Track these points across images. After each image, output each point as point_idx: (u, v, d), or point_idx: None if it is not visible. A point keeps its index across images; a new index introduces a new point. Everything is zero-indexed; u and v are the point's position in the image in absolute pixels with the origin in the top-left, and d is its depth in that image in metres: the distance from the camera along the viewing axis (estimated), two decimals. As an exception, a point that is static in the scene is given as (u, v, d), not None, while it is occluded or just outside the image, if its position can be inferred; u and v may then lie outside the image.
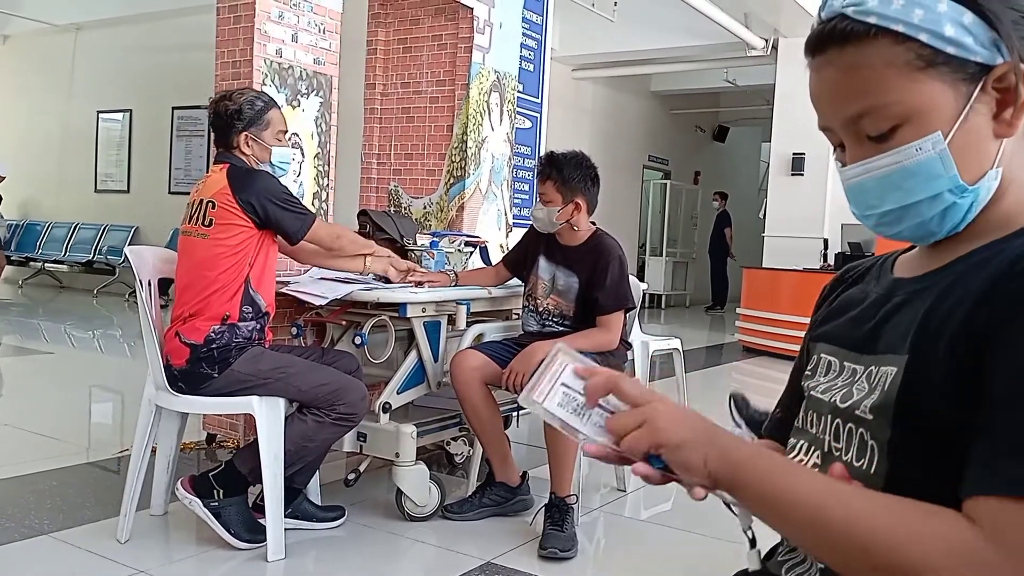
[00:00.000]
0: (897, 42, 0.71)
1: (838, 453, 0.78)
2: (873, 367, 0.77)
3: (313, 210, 2.97)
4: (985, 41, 0.70)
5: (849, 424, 0.77)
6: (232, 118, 2.50)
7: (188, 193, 2.60)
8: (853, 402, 0.77)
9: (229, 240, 2.41)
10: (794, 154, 9.01)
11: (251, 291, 2.47)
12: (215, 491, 2.43)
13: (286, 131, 2.62)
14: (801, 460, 0.83)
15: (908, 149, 0.72)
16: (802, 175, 9.00)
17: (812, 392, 0.85)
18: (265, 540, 2.38)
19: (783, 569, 0.84)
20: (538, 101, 5.39)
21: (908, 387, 0.71)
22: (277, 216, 2.44)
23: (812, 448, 0.83)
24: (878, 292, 0.84)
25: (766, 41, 9.19)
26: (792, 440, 0.88)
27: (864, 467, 0.74)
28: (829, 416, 0.80)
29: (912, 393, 0.71)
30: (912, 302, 0.77)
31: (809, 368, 0.88)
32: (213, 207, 2.43)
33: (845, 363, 0.82)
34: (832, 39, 0.74)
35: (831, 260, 7.96)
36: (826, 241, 8.41)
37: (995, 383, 0.64)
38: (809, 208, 8.90)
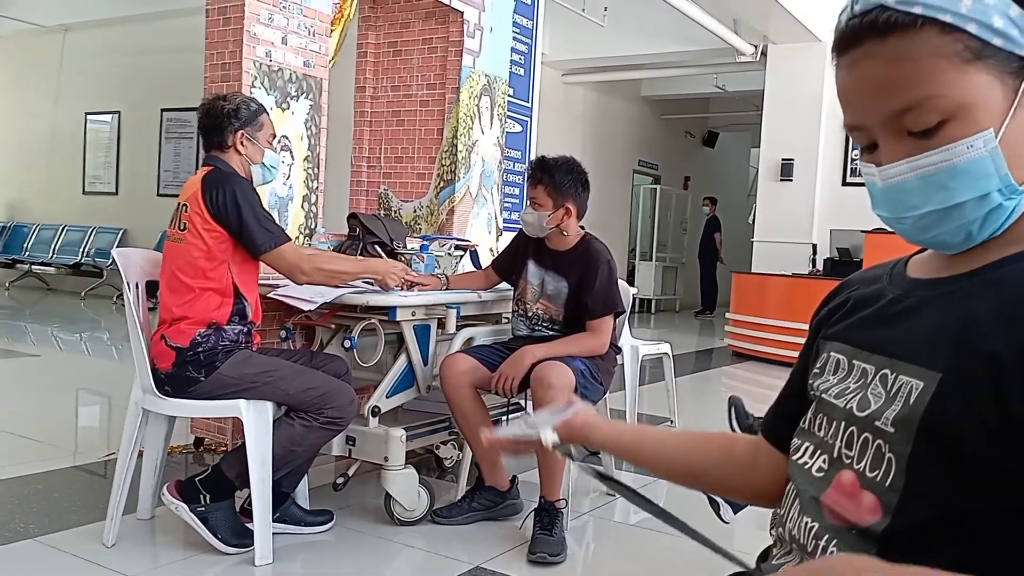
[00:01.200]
0: (944, 32, 0.68)
1: (849, 461, 0.76)
2: (888, 371, 0.76)
3: (288, 229, 2.93)
4: None
5: (866, 434, 0.75)
6: (229, 116, 2.49)
7: (176, 195, 2.60)
8: (872, 412, 0.75)
9: (202, 244, 2.39)
10: (783, 160, 9.05)
11: (242, 300, 2.46)
12: (202, 495, 2.41)
13: (276, 136, 2.63)
14: (806, 463, 0.82)
15: (959, 147, 0.69)
16: (791, 181, 9.03)
17: (824, 396, 0.83)
18: (253, 545, 2.36)
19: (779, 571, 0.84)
20: (528, 105, 5.39)
21: (938, 405, 0.69)
22: (239, 223, 2.38)
23: (819, 452, 0.82)
24: (895, 292, 0.81)
25: (755, 48, 9.23)
26: (797, 441, 0.86)
27: (878, 478, 0.73)
28: (843, 423, 0.78)
29: (941, 412, 0.69)
30: (935, 305, 0.75)
31: (818, 366, 0.87)
32: (187, 210, 2.42)
33: (855, 361, 0.81)
34: (872, 31, 0.70)
35: (819, 265, 8.00)
36: (815, 246, 8.45)
37: None
38: (798, 213, 8.95)
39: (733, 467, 0.99)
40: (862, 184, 0.84)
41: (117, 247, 8.99)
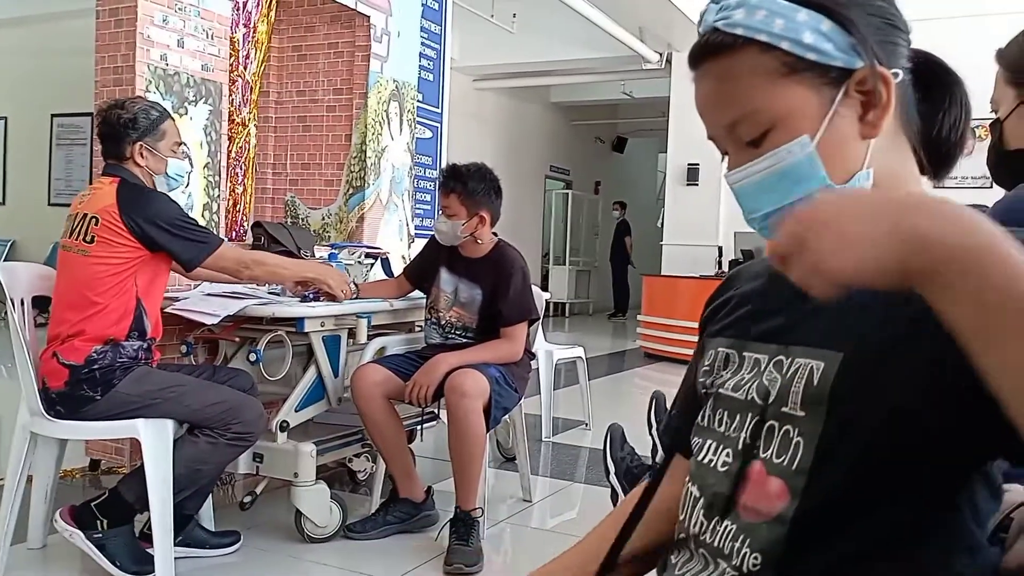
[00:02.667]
0: (762, 51, 0.74)
1: (755, 452, 0.78)
2: (783, 357, 0.78)
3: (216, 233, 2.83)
4: (844, 46, 0.73)
5: (771, 422, 0.77)
6: (126, 127, 2.36)
7: (69, 204, 2.45)
8: (775, 397, 0.77)
9: (110, 259, 2.27)
10: (689, 164, 9.28)
11: (143, 314, 2.34)
12: (99, 521, 2.28)
13: (180, 143, 2.51)
14: (710, 459, 0.82)
15: (779, 152, 0.75)
16: (697, 185, 9.28)
17: (720, 391, 0.84)
18: (153, 571, 2.25)
19: None
20: (438, 111, 5.36)
21: (844, 382, 0.72)
22: (166, 242, 2.30)
23: (721, 446, 0.82)
24: (778, 284, 0.82)
25: (660, 55, 9.45)
26: (697, 439, 0.86)
27: (785, 463, 0.74)
28: (747, 414, 0.80)
29: (849, 388, 0.71)
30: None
31: (707, 364, 0.88)
32: (96, 223, 2.28)
33: (745, 353, 0.83)
34: (707, 51, 0.77)
35: (725, 267, 8.23)
36: (720, 249, 8.68)
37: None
38: (704, 217, 9.19)
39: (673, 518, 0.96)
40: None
41: (5, 260, 8.51)
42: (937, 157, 0.82)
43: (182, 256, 2.34)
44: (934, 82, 0.82)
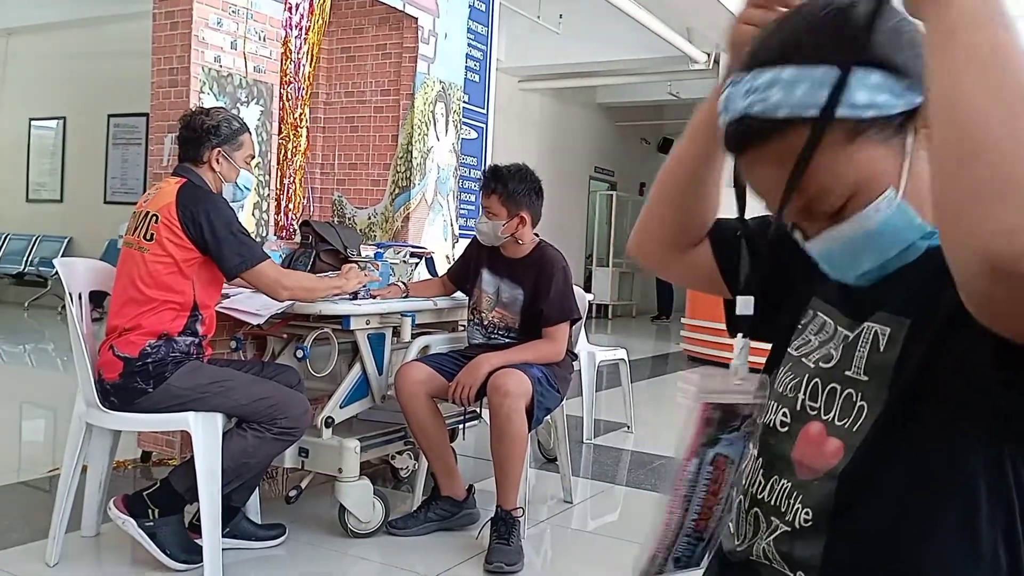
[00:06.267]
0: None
1: (815, 413, 0.78)
2: (861, 330, 0.77)
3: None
4: (899, 90, 0.68)
5: (832, 384, 0.77)
6: (208, 132, 2.45)
7: (124, 203, 2.53)
8: (837, 363, 0.77)
9: (167, 257, 2.34)
10: (733, 166, 9.17)
11: (198, 314, 2.40)
12: (150, 510, 2.35)
13: (254, 156, 2.60)
14: (771, 419, 0.83)
15: (868, 211, 0.71)
16: (744, 187, 9.16)
17: (791, 351, 0.85)
18: (202, 561, 2.30)
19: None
20: (484, 112, 5.38)
21: (910, 350, 0.71)
22: (213, 245, 2.34)
23: (779, 406, 0.82)
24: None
25: (708, 55, 9.35)
26: None
27: (847, 426, 0.74)
28: (807, 377, 0.80)
29: (912, 356, 0.71)
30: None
31: (802, 322, 0.86)
32: (156, 221, 2.36)
33: (839, 327, 0.81)
34: (751, 139, 0.72)
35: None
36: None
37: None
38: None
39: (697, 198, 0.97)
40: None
41: (62, 256, 8.75)
42: None
43: (224, 262, 2.37)
44: None
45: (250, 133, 2.57)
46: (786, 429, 0.81)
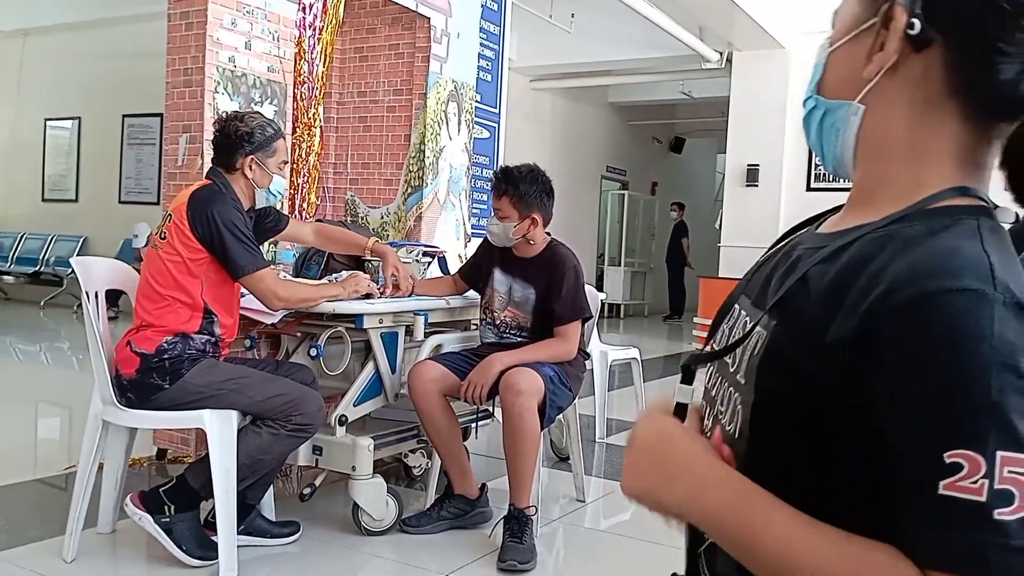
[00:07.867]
0: None
1: (722, 417, 0.76)
2: (749, 319, 0.75)
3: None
4: None
5: (729, 387, 0.75)
6: (241, 139, 2.46)
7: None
8: (736, 363, 0.75)
9: (176, 256, 2.37)
10: (748, 165, 9.14)
11: (213, 317, 2.41)
12: (166, 507, 2.37)
13: (286, 161, 2.60)
14: (706, 423, 0.80)
15: (818, 49, 0.78)
16: (756, 186, 9.12)
17: (714, 345, 0.84)
18: (217, 557, 2.32)
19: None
20: (496, 111, 5.39)
21: (768, 354, 0.69)
22: (224, 244, 2.36)
23: (708, 407, 0.81)
24: (791, 246, 0.82)
25: (721, 54, 9.32)
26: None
27: (733, 431, 0.73)
28: (721, 378, 0.78)
29: (769, 360, 0.69)
30: (803, 260, 0.74)
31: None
32: (170, 220, 2.40)
33: (746, 319, 0.79)
34: None
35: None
36: (780, 251, 8.51)
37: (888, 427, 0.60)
38: (763, 218, 9.02)
39: None
40: (826, 189, 0.84)
41: (77, 255, 8.82)
42: None
43: (230, 264, 2.39)
44: None
45: (284, 138, 2.57)
46: (709, 434, 0.78)
